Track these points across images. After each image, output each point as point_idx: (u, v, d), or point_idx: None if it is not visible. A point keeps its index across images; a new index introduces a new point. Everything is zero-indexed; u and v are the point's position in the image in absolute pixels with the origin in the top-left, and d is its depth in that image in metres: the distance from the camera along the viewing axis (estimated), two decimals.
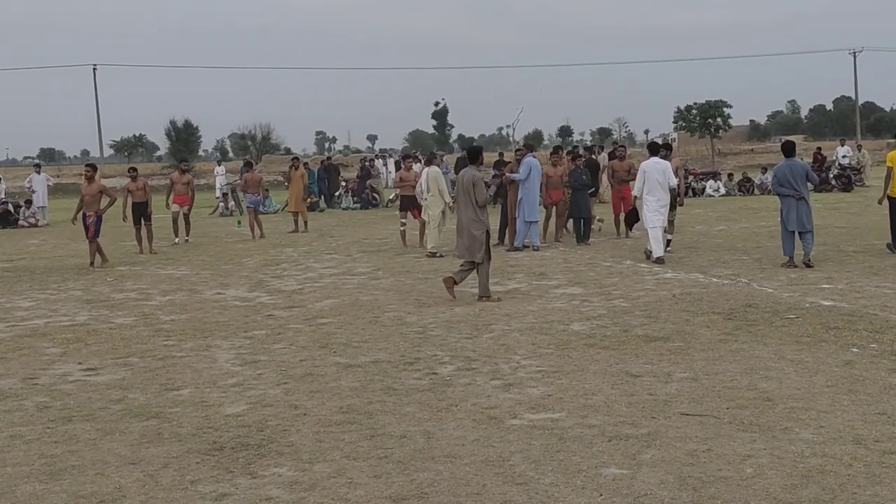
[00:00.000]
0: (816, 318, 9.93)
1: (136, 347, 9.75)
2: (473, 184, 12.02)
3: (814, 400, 6.90)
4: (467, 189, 12.08)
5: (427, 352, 9.03)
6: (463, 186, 12.17)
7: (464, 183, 12.19)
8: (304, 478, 5.64)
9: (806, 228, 13.72)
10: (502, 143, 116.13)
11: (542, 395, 7.30)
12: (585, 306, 11.26)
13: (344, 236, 22.26)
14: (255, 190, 23.07)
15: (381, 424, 6.67)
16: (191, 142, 77.87)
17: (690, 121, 64.71)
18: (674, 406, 6.87)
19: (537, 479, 5.44)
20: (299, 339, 9.91)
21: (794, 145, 14.59)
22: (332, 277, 14.82)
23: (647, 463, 5.65)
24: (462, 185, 12.20)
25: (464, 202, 12.15)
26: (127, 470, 5.89)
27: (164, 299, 13.09)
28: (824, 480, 5.25)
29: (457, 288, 12.10)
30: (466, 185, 12.11)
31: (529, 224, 17.51)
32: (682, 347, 8.81)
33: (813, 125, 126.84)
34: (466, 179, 12.20)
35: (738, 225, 21.37)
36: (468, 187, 12.07)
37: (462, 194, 12.18)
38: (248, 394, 7.68)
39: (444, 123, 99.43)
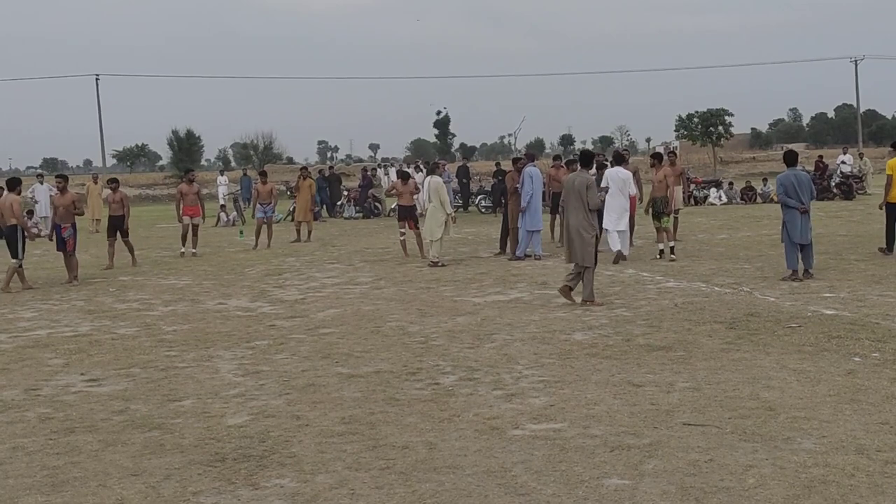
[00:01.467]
0: (819, 327, 9.92)
1: (139, 358, 9.75)
2: (587, 187, 12.08)
3: (816, 409, 6.89)
4: (580, 192, 12.07)
5: (429, 362, 9.03)
6: (574, 190, 12.11)
7: (575, 187, 12.12)
8: (306, 489, 5.63)
9: (808, 241, 13.64)
10: (504, 152, 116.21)
11: (544, 405, 7.30)
12: (587, 315, 11.26)
13: (346, 246, 22.28)
14: (266, 200, 22.80)
15: (383, 435, 6.67)
16: (193, 151, 77.86)
17: (692, 129, 64.65)
18: (676, 416, 6.87)
19: (539, 490, 5.44)
20: (301, 349, 9.92)
21: (797, 154, 14.49)
22: (335, 287, 14.83)
23: (649, 473, 5.65)
24: (573, 190, 12.12)
25: (574, 207, 12.12)
26: (129, 481, 5.90)
27: (167, 309, 13.10)
28: (827, 491, 5.25)
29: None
30: (579, 189, 12.08)
31: (532, 233, 17.50)
32: (684, 357, 8.80)
33: (814, 133, 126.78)
34: (579, 183, 12.16)
35: (740, 233, 21.37)
36: (580, 191, 12.06)
37: (573, 199, 12.13)
38: (251, 404, 7.68)
39: (446, 132, 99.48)
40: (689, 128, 64.91)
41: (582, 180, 12.15)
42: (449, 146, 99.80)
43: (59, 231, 16.61)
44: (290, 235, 24.46)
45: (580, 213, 12.04)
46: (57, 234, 16.65)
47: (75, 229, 16.80)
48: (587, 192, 11.99)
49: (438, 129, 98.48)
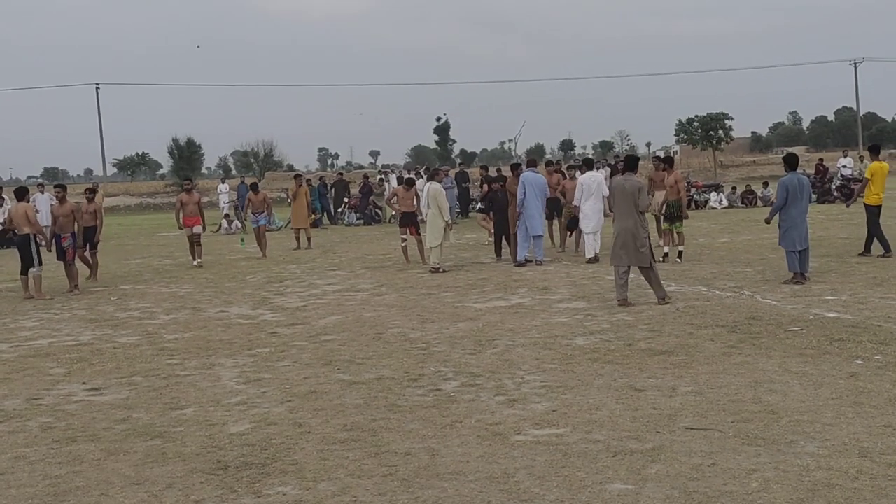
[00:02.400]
0: (820, 330, 9.91)
1: (140, 367, 9.75)
2: (639, 190, 12.20)
3: (819, 413, 6.88)
4: (632, 195, 12.15)
5: (431, 368, 9.02)
6: (627, 193, 12.17)
7: (627, 190, 12.19)
8: (309, 496, 5.63)
9: (805, 246, 13.59)
10: (504, 158, 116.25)
11: (546, 411, 7.29)
12: (589, 320, 11.25)
13: (347, 252, 22.27)
14: (260, 209, 22.73)
15: (386, 442, 6.67)
16: (193, 159, 77.70)
17: (692, 133, 64.67)
18: (678, 420, 6.86)
19: (542, 496, 5.43)
20: (303, 356, 9.91)
21: (798, 158, 14.43)
22: (336, 294, 14.83)
23: (653, 478, 5.64)
24: (625, 193, 12.18)
25: (626, 210, 12.19)
26: (131, 490, 5.89)
27: (168, 318, 13.10)
28: (830, 494, 5.24)
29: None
30: (631, 192, 12.17)
31: (533, 238, 17.49)
32: (686, 361, 8.79)
33: (814, 136, 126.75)
34: (630, 186, 12.25)
35: (741, 237, 21.36)
36: (633, 193, 12.16)
37: (622, 202, 12.19)
38: (253, 412, 7.68)
39: (447, 138, 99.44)
40: (690, 132, 64.93)
41: (632, 184, 12.30)
42: (449, 152, 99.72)
43: (58, 240, 16.58)
44: (290, 243, 24.45)
45: (633, 216, 12.17)
46: (57, 243, 16.61)
47: (75, 238, 16.78)
48: (639, 195, 12.16)
49: (438, 135, 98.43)
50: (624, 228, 12.22)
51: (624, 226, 12.22)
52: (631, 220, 12.17)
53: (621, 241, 12.23)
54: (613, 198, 12.44)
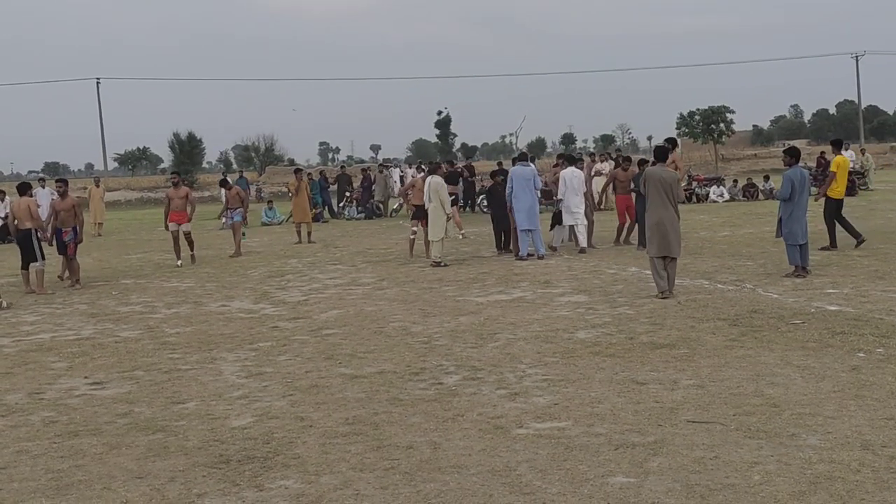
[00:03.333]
0: (822, 323, 9.91)
1: (142, 361, 9.75)
2: (676, 180, 12.45)
3: (821, 406, 6.88)
4: (671, 186, 12.27)
5: (432, 362, 9.02)
6: (665, 184, 12.23)
7: (665, 181, 12.26)
8: (311, 490, 5.63)
9: (806, 240, 13.57)
10: (506, 151, 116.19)
11: (548, 404, 7.29)
12: (591, 314, 11.25)
13: (348, 247, 22.26)
14: (235, 205, 21.90)
15: (388, 435, 6.67)
16: (194, 154, 77.71)
17: (693, 126, 64.67)
18: (680, 413, 6.86)
19: (544, 489, 5.44)
20: (305, 350, 9.92)
21: (800, 151, 14.41)
22: (337, 288, 14.83)
23: (654, 471, 5.64)
24: (663, 184, 12.23)
25: (663, 201, 12.23)
26: (133, 484, 5.90)
27: (170, 312, 13.10)
28: (832, 487, 5.24)
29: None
30: (670, 183, 12.27)
31: (529, 232, 17.48)
32: (687, 354, 8.79)
33: (816, 129, 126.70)
34: (668, 177, 12.35)
35: (742, 230, 21.33)
36: (672, 184, 12.30)
37: (661, 192, 12.21)
38: (254, 406, 7.68)
39: (447, 132, 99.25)
40: (691, 125, 64.92)
41: (669, 175, 12.44)
42: (450, 146, 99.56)
43: (59, 235, 16.57)
44: (292, 237, 24.44)
45: (670, 207, 12.28)
46: (58, 238, 16.60)
47: (76, 233, 16.75)
48: (677, 186, 12.42)
49: (439, 129, 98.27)
50: (663, 219, 12.22)
51: (663, 216, 12.23)
52: (670, 211, 12.26)
53: (662, 231, 12.21)
54: (647, 189, 12.38)
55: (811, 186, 16.11)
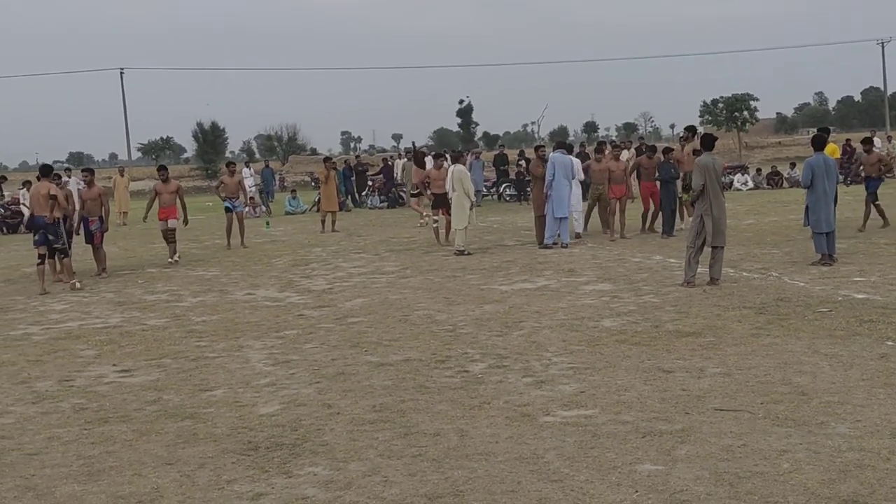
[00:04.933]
0: (850, 311, 9.85)
1: (169, 349, 9.82)
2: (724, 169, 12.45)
3: (849, 394, 6.84)
4: (720, 175, 12.36)
5: (458, 350, 9.04)
6: (715, 173, 12.26)
7: (716, 170, 12.29)
8: (340, 476, 5.66)
9: (833, 227, 13.47)
10: (528, 140, 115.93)
11: (574, 392, 7.29)
12: (615, 302, 11.23)
13: (371, 235, 22.31)
14: (233, 194, 20.96)
15: (415, 423, 6.69)
16: (217, 143, 78.04)
17: (717, 114, 64.43)
18: (707, 401, 6.85)
19: (572, 476, 5.44)
20: (330, 338, 9.96)
21: (826, 138, 14.25)
22: (362, 276, 14.87)
23: (682, 459, 5.63)
24: (713, 173, 12.24)
25: (715, 190, 12.25)
26: (164, 470, 5.95)
27: (196, 300, 13.18)
28: (862, 475, 5.21)
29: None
30: (718, 171, 12.34)
31: (559, 220, 17.44)
32: (713, 342, 8.76)
33: (841, 117, 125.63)
34: (718, 166, 12.42)
35: (767, 219, 21.22)
36: (720, 174, 12.39)
37: (711, 182, 12.20)
38: (282, 393, 7.73)
39: (469, 121, 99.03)
40: (714, 113, 64.67)
41: (720, 162, 12.52)
42: (472, 135, 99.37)
43: (86, 224, 16.62)
44: (315, 226, 24.50)
45: (721, 195, 12.34)
46: (85, 227, 16.67)
47: (102, 222, 16.83)
48: (723, 174, 12.46)
49: (461, 117, 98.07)
50: (716, 209, 12.21)
51: (716, 206, 12.21)
52: (721, 199, 12.32)
53: (715, 221, 12.18)
54: (707, 177, 12.22)
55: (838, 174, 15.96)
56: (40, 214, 15.08)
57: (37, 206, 15.20)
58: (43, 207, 15.05)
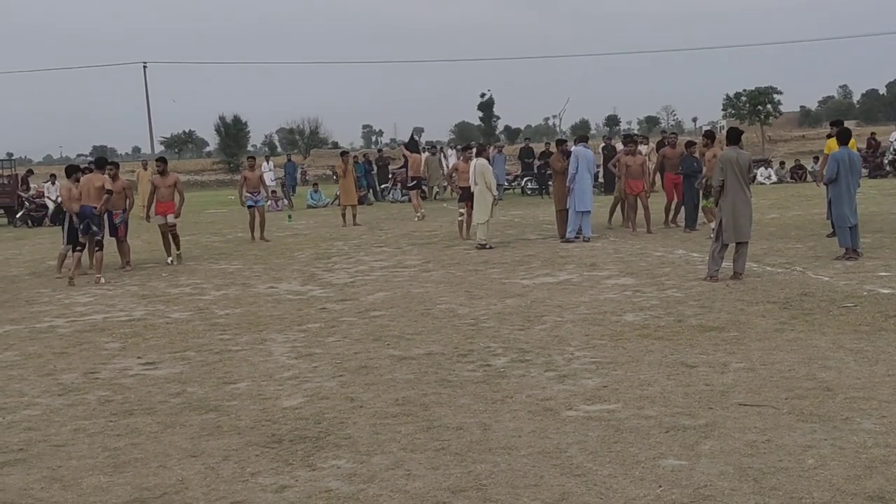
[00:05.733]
0: (875, 306, 9.78)
1: (193, 342, 9.88)
2: (751, 163, 12.46)
3: (875, 389, 6.80)
4: (744, 170, 12.23)
5: (480, 344, 9.04)
6: (738, 168, 12.15)
7: (740, 164, 12.18)
8: (363, 469, 5.68)
9: (855, 221, 13.37)
10: (549, 134, 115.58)
11: (597, 387, 7.28)
12: (638, 297, 11.20)
13: (393, 229, 22.34)
14: (255, 188, 21.08)
15: (437, 416, 6.70)
16: (240, 137, 78.32)
17: (740, 108, 64.01)
18: (731, 396, 6.82)
19: (595, 471, 5.44)
20: (353, 331, 9.98)
21: (850, 132, 14.13)
22: (383, 270, 14.89)
23: (706, 454, 5.61)
24: (737, 167, 12.14)
25: (739, 184, 12.17)
26: (189, 462, 5.99)
27: (219, 294, 13.24)
28: (889, 471, 5.18)
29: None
30: (743, 166, 12.22)
31: (581, 214, 17.40)
32: (737, 337, 8.73)
33: (865, 110, 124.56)
34: (743, 160, 12.30)
35: (790, 213, 21.09)
36: (745, 168, 12.26)
37: (735, 177, 12.14)
38: (305, 387, 7.75)
39: (490, 115, 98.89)
40: (737, 107, 64.27)
41: (744, 157, 12.39)
42: (493, 129, 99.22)
43: (110, 217, 16.69)
44: (337, 220, 24.56)
45: (746, 190, 12.24)
46: (109, 220, 16.74)
47: (126, 215, 16.93)
48: (750, 169, 12.50)
49: (482, 111, 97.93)
50: (740, 204, 12.12)
51: (739, 201, 12.12)
52: (745, 194, 12.19)
53: (738, 217, 12.10)
54: (726, 172, 12.15)
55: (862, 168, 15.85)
56: (88, 204, 15.31)
57: (87, 196, 15.39)
58: (93, 198, 15.32)
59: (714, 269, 12.09)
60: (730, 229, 12.05)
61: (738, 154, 12.26)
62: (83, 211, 15.32)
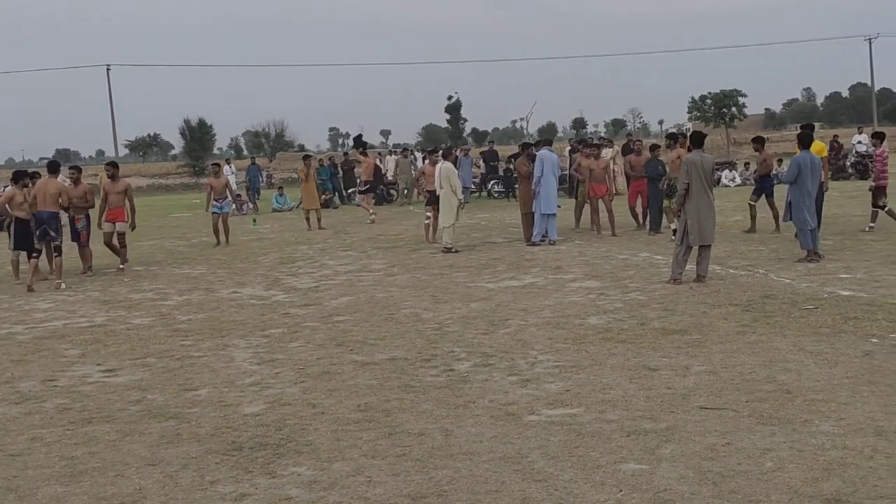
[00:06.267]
0: (835, 308, 9.87)
1: (154, 348, 9.78)
2: (713, 167, 12.57)
3: (833, 392, 6.86)
4: (708, 173, 12.30)
5: (444, 348, 9.02)
6: (703, 171, 12.22)
7: (704, 168, 12.25)
8: (323, 477, 5.64)
9: (815, 224, 13.50)
10: (516, 137, 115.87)
11: (559, 391, 7.29)
12: (602, 300, 11.23)
13: (358, 233, 22.26)
14: (221, 194, 20.95)
15: (399, 422, 6.67)
16: (205, 140, 77.76)
17: (705, 111, 64.47)
18: (692, 400, 6.85)
19: (556, 476, 5.43)
20: (316, 337, 9.93)
21: (812, 136, 14.21)
22: (348, 274, 14.84)
23: (667, 458, 5.63)
24: (701, 170, 12.20)
25: (702, 188, 12.23)
26: (147, 471, 5.92)
27: (181, 299, 13.13)
28: (845, 473, 5.22)
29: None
30: (707, 170, 12.29)
31: (546, 217, 17.44)
32: (699, 340, 8.77)
33: (829, 113, 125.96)
34: (707, 164, 12.37)
35: None
36: (709, 172, 12.33)
37: (700, 180, 12.20)
38: (266, 393, 7.70)
39: (458, 117, 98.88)
40: (702, 109, 64.73)
41: (708, 161, 12.46)
42: (461, 131, 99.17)
43: (72, 222, 16.51)
44: (302, 224, 24.45)
45: (709, 193, 12.32)
46: (71, 225, 16.56)
47: (89, 220, 16.71)
48: (713, 172, 12.55)
49: (450, 114, 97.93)
50: (704, 207, 12.22)
51: (703, 204, 12.22)
52: (709, 198, 12.29)
53: (703, 220, 12.19)
54: (691, 176, 12.20)
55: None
56: (45, 210, 15.10)
57: (42, 201, 15.18)
58: (49, 203, 15.12)
59: (677, 272, 12.17)
60: (694, 232, 12.13)
61: (702, 158, 12.33)
62: (40, 216, 15.13)
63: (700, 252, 12.25)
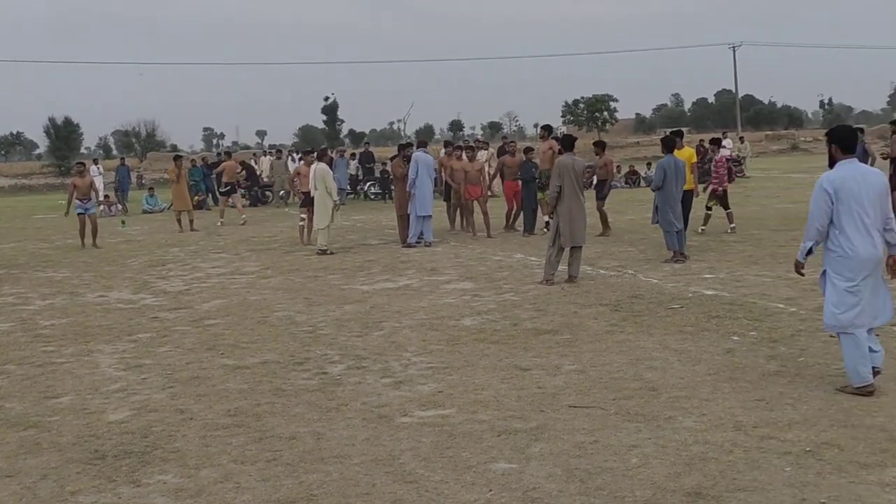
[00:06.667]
0: (699, 307, 10.19)
1: (14, 354, 9.39)
2: (584, 169, 12.76)
3: (696, 388, 7.07)
4: (579, 176, 12.38)
5: (317, 351, 8.94)
6: (574, 174, 12.30)
7: (575, 170, 12.33)
8: (190, 484, 5.51)
9: (682, 226, 13.95)
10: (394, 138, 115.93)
11: (432, 392, 7.31)
12: (476, 301, 11.32)
13: (232, 235, 21.89)
14: (85, 195, 20.31)
15: (270, 426, 6.58)
16: (71, 139, 75.25)
17: (578, 114, 66.03)
18: (562, 399, 6.96)
19: (427, 477, 5.44)
20: (186, 341, 9.70)
21: (675, 140, 14.62)
22: (220, 277, 14.56)
23: (536, 456, 5.70)
24: (573, 173, 12.29)
25: (574, 190, 12.31)
26: (3, 483, 5.67)
27: (44, 303, 12.65)
28: (706, 467, 5.38)
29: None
30: (578, 173, 12.38)
31: (422, 219, 17.50)
32: (570, 340, 8.93)
33: (696, 118, 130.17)
34: (578, 167, 12.46)
35: (624, 217, 21.77)
36: (580, 174, 12.41)
37: (572, 182, 12.26)
38: (132, 399, 7.48)
39: (335, 118, 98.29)
40: (576, 113, 66.30)
41: (579, 164, 12.61)
42: (337, 132, 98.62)
43: None
44: (173, 226, 23.88)
45: (581, 196, 12.47)
46: None
47: None
48: (584, 176, 12.74)
49: (327, 114, 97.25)
50: (575, 209, 12.42)
51: (575, 207, 12.41)
52: (580, 200, 12.48)
53: (574, 222, 12.39)
54: (562, 178, 12.37)
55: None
56: None
57: None
58: None
59: (550, 273, 12.37)
60: (566, 234, 12.35)
61: (574, 160, 12.57)
62: None
63: (572, 253, 12.49)
